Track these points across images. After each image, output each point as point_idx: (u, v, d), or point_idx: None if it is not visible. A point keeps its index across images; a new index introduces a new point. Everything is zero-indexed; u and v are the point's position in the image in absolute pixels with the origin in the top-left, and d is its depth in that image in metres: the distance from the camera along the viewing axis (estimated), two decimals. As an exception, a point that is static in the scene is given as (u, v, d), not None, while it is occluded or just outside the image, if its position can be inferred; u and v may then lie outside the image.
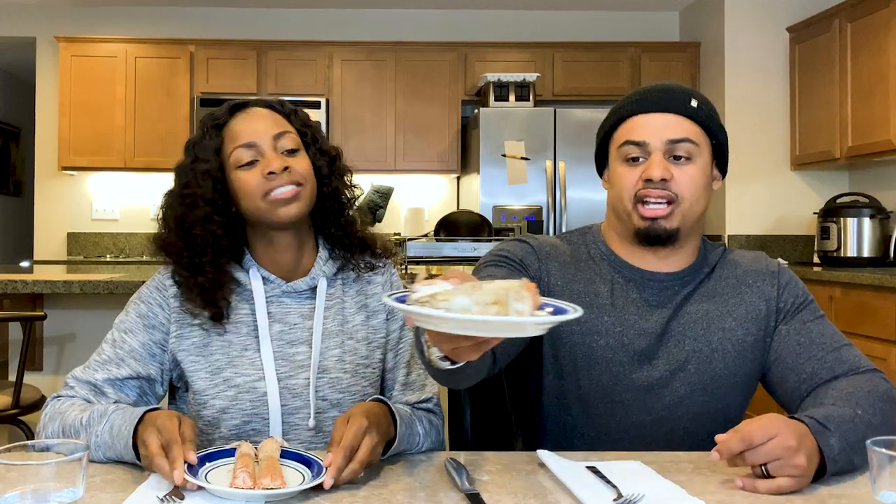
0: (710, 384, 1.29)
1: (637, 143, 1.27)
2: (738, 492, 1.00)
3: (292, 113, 1.37)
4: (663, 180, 1.24)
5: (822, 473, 1.04)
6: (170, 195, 1.33)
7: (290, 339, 1.30)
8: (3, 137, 7.33)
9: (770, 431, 1.01)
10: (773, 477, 1.00)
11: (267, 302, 1.30)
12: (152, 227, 1.34)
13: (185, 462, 1.00)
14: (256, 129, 1.29)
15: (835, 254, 4.20)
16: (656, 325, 1.30)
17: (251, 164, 1.27)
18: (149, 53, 5.21)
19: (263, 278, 1.31)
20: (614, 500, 0.95)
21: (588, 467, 1.06)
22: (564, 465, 1.06)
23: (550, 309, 0.85)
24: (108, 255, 5.40)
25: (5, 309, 2.69)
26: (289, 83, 5.16)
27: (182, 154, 1.34)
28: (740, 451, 1.01)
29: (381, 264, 1.40)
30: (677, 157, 1.26)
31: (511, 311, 0.77)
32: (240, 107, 1.33)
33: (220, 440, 1.26)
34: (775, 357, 1.31)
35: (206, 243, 1.26)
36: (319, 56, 5.25)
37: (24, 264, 4.91)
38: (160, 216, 1.33)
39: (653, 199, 1.25)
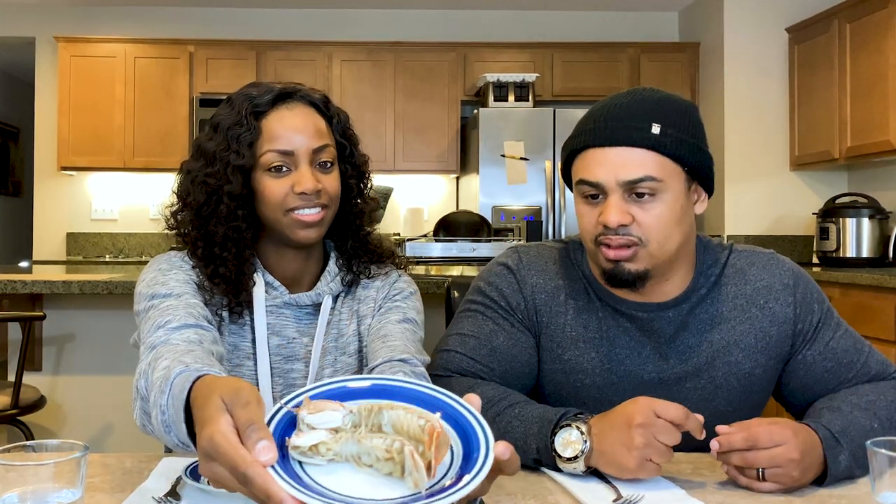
0: (711, 420, 1.14)
1: (592, 184, 1.14)
2: (738, 492, 1.00)
3: (336, 116, 1.25)
4: (622, 225, 1.12)
5: (821, 481, 1.03)
6: (188, 175, 1.22)
7: (286, 355, 1.24)
8: (3, 137, 7.33)
9: (777, 439, 0.99)
10: (765, 480, 1.00)
11: (266, 312, 1.23)
12: (152, 228, 1.32)
13: (189, 468, 0.99)
14: (298, 135, 1.17)
15: (834, 254, 4.20)
16: (650, 360, 1.21)
17: (281, 169, 1.18)
18: (148, 53, 5.21)
19: (267, 283, 1.23)
20: (614, 500, 0.95)
21: (588, 467, 1.06)
22: (564, 466, 1.06)
23: (450, 478, 0.71)
24: (107, 256, 5.39)
25: (4, 309, 2.69)
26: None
27: (207, 131, 1.22)
28: (742, 449, 1.00)
29: (383, 272, 1.32)
30: (639, 195, 1.12)
31: (407, 478, 0.69)
32: (283, 98, 1.20)
33: None
34: (799, 385, 1.24)
35: (227, 238, 1.18)
36: (319, 56, 5.25)
37: (24, 264, 4.91)
38: (175, 189, 1.24)
39: (613, 245, 1.13)
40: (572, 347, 1.22)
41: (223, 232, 1.18)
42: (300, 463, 0.71)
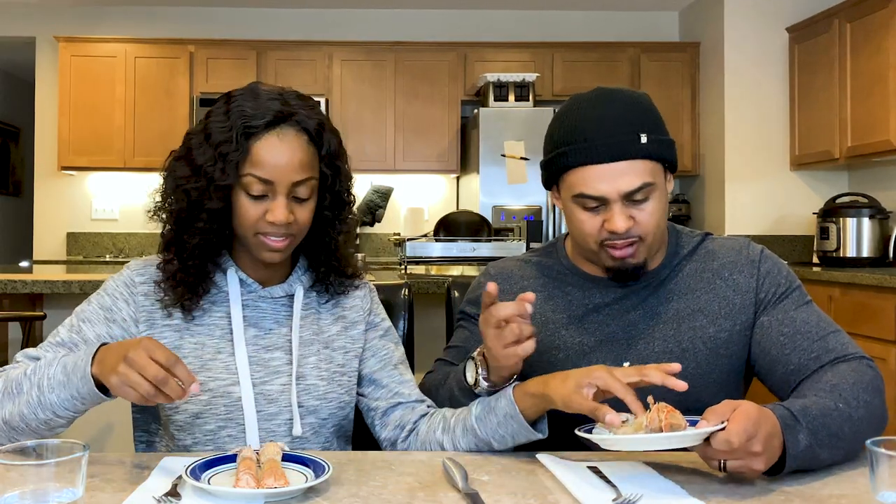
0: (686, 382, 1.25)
1: (594, 198, 1.23)
2: (738, 492, 1.00)
3: (327, 145, 1.24)
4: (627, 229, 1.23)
5: (781, 467, 1.02)
6: (174, 178, 1.24)
7: (265, 345, 1.28)
8: (3, 137, 7.33)
9: (734, 405, 0.98)
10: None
11: (242, 305, 1.27)
12: (152, 227, 1.31)
13: (189, 468, 1.00)
14: (281, 167, 1.18)
15: (834, 254, 4.21)
16: (620, 328, 1.31)
17: (259, 196, 1.20)
18: (148, 53, 5.21)
19: (240, 280, 1.28)
20: (613, 499, 0.95)
21: (589, 467, 1.06)
22: (564, 465, 1.07)
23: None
24: (107, 255, 5.40)
25: (5, 309, 2.69)
26: (288, 83, 5.07)
27: (199, 136, 1.23)
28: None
29: (357, 283, 1.38)
30: (636, 200, 1.23)
31: (671, 429, 1.01)
32: (277, 122, 1.19)
33: (196, 446, 1.24)
34: (760, 350, 1.29)
35: (196, 247, 1.22)
36: (319, 56, 5.26)
37: (24, 264, 4.91)
38: (159, 188, 1.28)
39: (619, 246, 1.25)
40: (542, 331, 1.32)
41: (195, 242, 1.22)
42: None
